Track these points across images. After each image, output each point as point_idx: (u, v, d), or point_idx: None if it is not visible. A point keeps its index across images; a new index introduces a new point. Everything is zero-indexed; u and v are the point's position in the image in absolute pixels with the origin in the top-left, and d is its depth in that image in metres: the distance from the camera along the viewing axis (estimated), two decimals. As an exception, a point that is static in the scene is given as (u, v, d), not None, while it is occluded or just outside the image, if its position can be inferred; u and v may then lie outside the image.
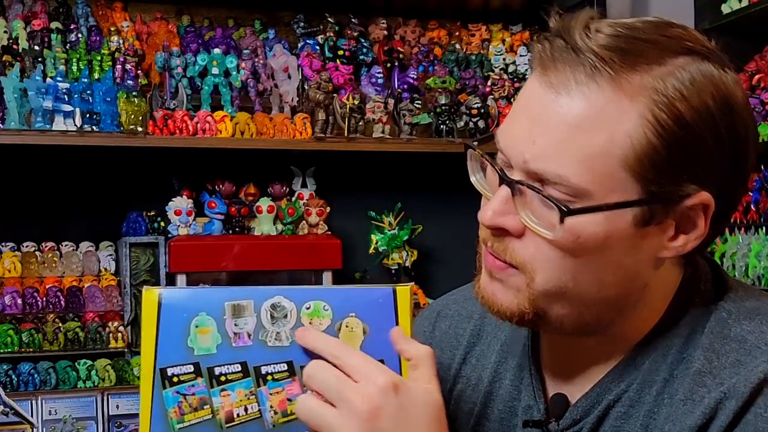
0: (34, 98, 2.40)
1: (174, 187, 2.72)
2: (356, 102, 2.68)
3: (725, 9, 2.71)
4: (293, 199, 2.83)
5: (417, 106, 2.78)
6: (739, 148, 0.81)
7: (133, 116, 2.49)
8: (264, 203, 2.75)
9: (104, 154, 2.63)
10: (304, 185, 2.88)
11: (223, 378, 0.78)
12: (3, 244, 2.61)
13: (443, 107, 2.80)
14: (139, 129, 2.49)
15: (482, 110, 2.80)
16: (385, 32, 2.98)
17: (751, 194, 2.63)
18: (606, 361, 0.89)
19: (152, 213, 2.70)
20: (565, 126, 0.78)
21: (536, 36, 0.81)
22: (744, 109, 0.82)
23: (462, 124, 2.80)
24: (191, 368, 0.77)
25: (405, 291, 0.80)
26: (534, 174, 0.80)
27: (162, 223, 2.70)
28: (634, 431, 0.85)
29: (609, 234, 0.80)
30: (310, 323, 0.78)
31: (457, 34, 3.08)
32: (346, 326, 0.79)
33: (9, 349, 2.48)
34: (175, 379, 0.77)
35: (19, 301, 2.53)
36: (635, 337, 0.88)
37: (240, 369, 0.78)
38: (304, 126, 2.66)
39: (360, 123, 2.70)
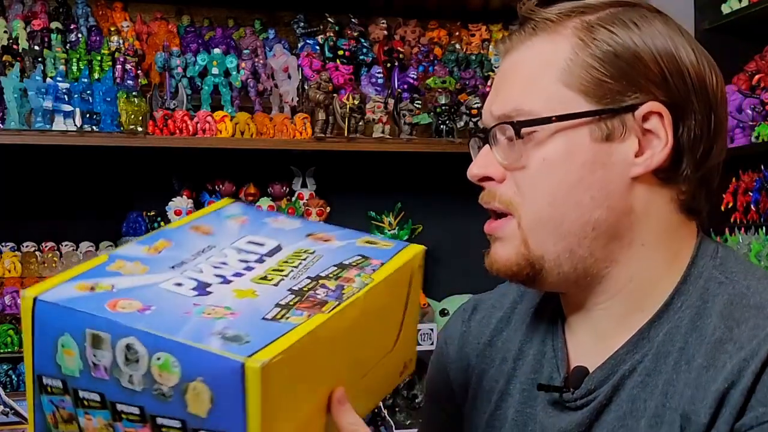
0: (34, 98, 2.40)
1: (174, 187, 2.72)
2: (356, 102, 2.68)
3: (725, 9, 2.71)
4: (293, 199, 2.84)
5: (417, 106, 2.78)
6: (680, 65, 0.89)
7: (133, 116, 2.49)
8: (264, 203, 2.75)
9: (104, 154, 2.63)
10: (304, 185, 2.88)
11: (85, 402, 0.74)
12: (3, 244, 2.61)
13: (443, 107, 2.80)
14: (139, 129, 2.49)
15: (482, 110, 2.79)
16: (385, 32, 2.98)
17: (751, 194, 2.63)
18: (622, 334, 0.91)
19: (152, 213, 2.70)
20: (515, 72, 0.91)
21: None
22: (680, 34, 0.90)
23: (462, 124, 2.80)
24: (60, 383, 0.74)
25: (255, 373, 0.67)
26: (500, 117, 0.90)
27: (162, 223, 2.70)
28: (653, 399, 0.87)
29: (570, 150, 0.87)
30: (159, 376, 0.71)
31: (457, 34, 3.08)
32: (194, 390, 0.70)
33: (9, 349, 2.48)
34: (49, 389, 0.75)
35: (20, 301, 2.53)
36: (650, 307, 0.90)
37: (99, 399, 0.73)
38: (304, 126, 2.66)
39: (360, 123, 2.70)
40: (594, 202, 0.87)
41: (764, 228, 2.55)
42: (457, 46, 3.04)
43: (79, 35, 2.62)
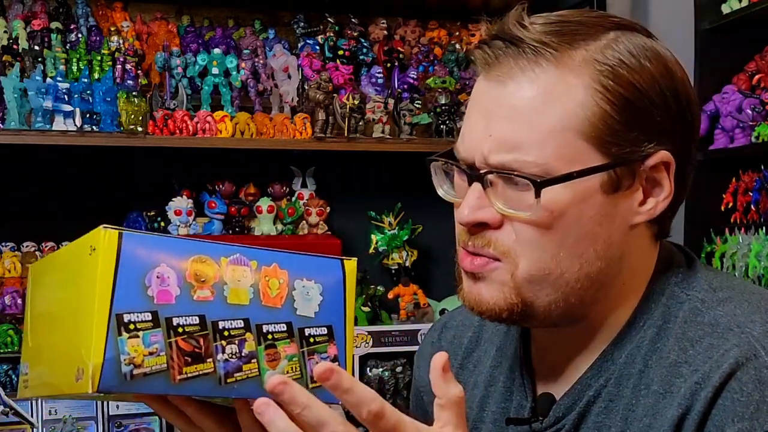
0: (34, 98, 2.40)
1: (174, 187, 2.72)
2: (356, 102, 2.68)
3: (725, 9, 2.70)
4: (293, 199, 2.83)
5: (417, 106, 2.78)
6: (684, 106, 0.85)
7: (133, 116, 2.49)
8: (264, 203, 2.75)
9: (104, 154, 2.63)
10: (304, 185, 2.88)
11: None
12: (3, 244, 2.61)
13: (443, 107, 2.80)
14: (139, 129, 2.49)
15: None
16: (385, 32, 2.98)
17: (751, 194, 2.63)
18: (588, 356, 0.90)
19: (152, 213, 2.70)
20: (518, 111, 0.82)
21: (473, 45, 0.88)
22: (680, 72, 0.86)
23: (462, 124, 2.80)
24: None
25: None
26: (497, 165, 0.83)
27: (162, 223, 2.70)
28: (615, 425, 0.86)
29: (581, 204, 0.82)
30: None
31: (457, 34, 3.08)
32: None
33: (9, 349, 2.48)
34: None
35: (19, 301, 2.53)
36: (614, 327, 0.89)
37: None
38: (304, 126, 2.66)
39: (360, 123, 2.70)
40: (596, 254, 0.84)
41: (764, 228, 2.55)
42: (457, 46, 3.03)
43: (79, 35, 2.62)
